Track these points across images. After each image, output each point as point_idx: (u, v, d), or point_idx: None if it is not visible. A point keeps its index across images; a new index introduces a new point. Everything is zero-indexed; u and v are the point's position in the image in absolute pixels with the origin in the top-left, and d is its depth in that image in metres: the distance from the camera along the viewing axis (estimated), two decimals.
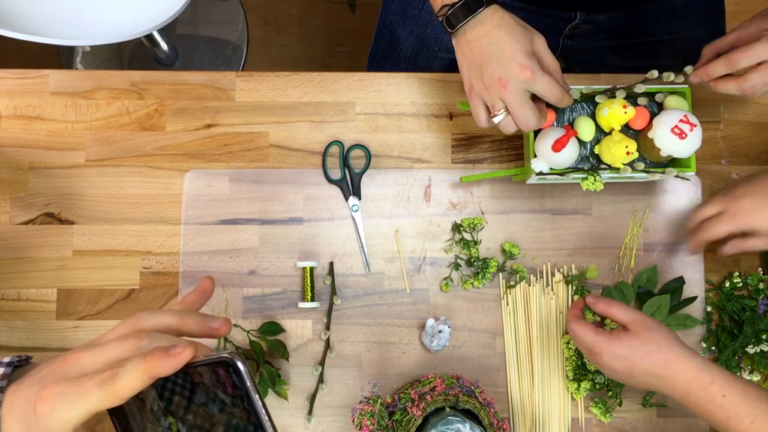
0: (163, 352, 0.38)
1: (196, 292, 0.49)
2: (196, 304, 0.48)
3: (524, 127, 0.69)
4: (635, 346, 0.67)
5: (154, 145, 0.87)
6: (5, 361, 0.43)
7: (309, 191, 0.87)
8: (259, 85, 0.88)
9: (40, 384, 0.39)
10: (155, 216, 0.86)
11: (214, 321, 0.44)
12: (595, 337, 0.69)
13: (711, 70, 0.74)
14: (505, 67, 0.67)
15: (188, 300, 0.48)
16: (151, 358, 0.38)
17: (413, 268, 0.86)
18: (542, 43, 0.69)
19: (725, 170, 0.88)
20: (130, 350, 0.40)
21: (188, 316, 0.44)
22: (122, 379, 0.38)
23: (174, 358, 0.38)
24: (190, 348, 0.39)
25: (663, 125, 0.74)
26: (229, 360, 0.39)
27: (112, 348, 0.40)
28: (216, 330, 0.44)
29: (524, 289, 0.86)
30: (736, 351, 0.84)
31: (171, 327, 0.43)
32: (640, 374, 0.66)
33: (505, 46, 0.67)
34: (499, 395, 0.85)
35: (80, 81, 0.88)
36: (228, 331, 0.45)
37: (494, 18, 0.68)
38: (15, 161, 0.86)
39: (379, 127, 0.88)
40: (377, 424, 0.74)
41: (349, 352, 0.85)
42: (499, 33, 0.68)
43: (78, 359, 0.40)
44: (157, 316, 0.43)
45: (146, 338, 0.40)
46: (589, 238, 0.87)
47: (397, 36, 1.02)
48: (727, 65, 0.72)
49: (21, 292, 0.85)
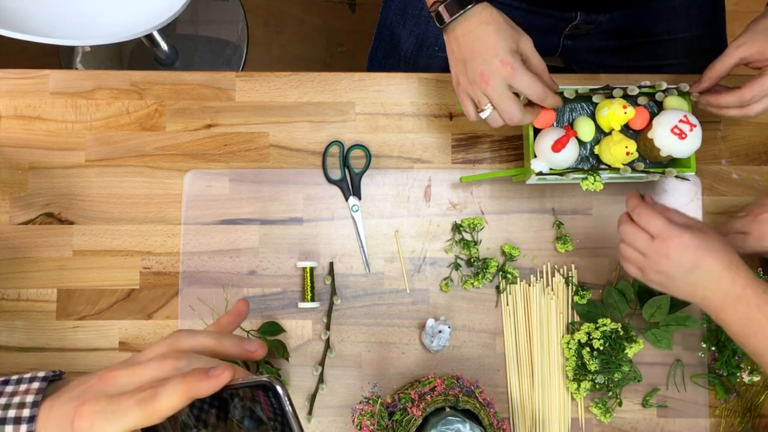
0: (203, 373, 0.38)
1: (230, 313, 0.49)
2: (231, 326, 0.49)
3: (509, 121, 0.71)
4: (707, 239, 0.65)
5: (154, 145, 0.87)
6: (40, 375, 0.43)
7: (309, 191, 0.87)
8: (259, 85, 0.88)
9: (78, 400, 0.40)
10: (155, 216, 0.86)
11: (250, 344, 0.45)
12: (669, 223, 0.66)
13: (722, 102, 0.75)
14: (487, 63, 0.68)
15: (223, 321, 0.49)
16: (191, 378, 0.38)
17: (413, 268, 0.86)
18: (529, 44, 0.70)
19: (725, 170, 0.88)
20: (168, 370, 0.40)
21: (225, 338, 0.44)
22: (161, 398, 0.38)
23: (213, 379, 0.38)
24: (229, 370, 0.39)
25: (663, 125, 0.74)
26: (269, 384, 0.39)
27: (150, 367, 0.40)
28: (252, 353, 0.44)
29: (524, 289, 0.86)
30: (736, 351, 0.84)
31: (208, 348, 0.43)
32: (705, 269, 0.64)
33: (489, 43, 0.68)
34: (499, 395, 0.85)
35: (80, 81, 0.88)
36: (264, 353, 0.45)
37: (482, 15, 0.69)
38: (15, 161, 0.86)
39: (379, 127, 0.88)
40: (377, 424, 0.74)
41: (349, 352, 0.85)
42: (485, 30, 0.69)
43: (117, 377, 0.40)
44: (195, 338, 0.43)
45: (185, 359, 0.41)
46: (589, 238, 0.87)
47: (397, 36, 1.02)
48: (740, 101, 0.73)
49: (21, 292, 0.85)
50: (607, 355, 0.82)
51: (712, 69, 0.76)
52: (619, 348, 0.82)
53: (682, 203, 0.87)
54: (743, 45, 0.74)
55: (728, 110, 0.76)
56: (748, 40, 0.74)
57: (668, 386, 0.85)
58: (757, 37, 0.73)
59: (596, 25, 0.99)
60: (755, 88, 0.72)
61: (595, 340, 0.81)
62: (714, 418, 0.85)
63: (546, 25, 0.99)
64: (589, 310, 0.85)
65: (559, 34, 1.01)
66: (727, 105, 0.75)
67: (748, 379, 0.84)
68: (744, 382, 0.85)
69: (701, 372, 0.85)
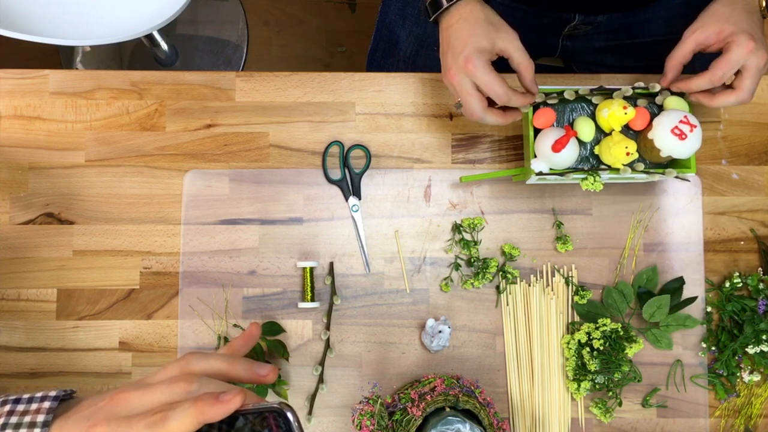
0: (214, 397, 0.39)
1: (243, 336, 0.50)
2: (243, 348, 0.49)
3: (468, 116, 0.74)
4: None
5: (154, 145, 0.87)
6: (51, 394, 0.43)
7: (309, 191, 0.87)
8: (259, 85, 0.88)
9: (88, 421, 0.40)
10: (155, 216, 0.86)
11: (261, 368, 0.45)
12: None
13: (693, 85, 0.74)
14: (455, 58, 0.71)
15: (235, 345, 0.49)
16: (202, 403, 0.38)
17: (413, 268, 0.86)
18: (510, 42, 0.71)
19: (725, 170, 0.88)
20: (180, 393, 0.40)
21: (237, 362, 0.44)
22: (172, 422, 0.38)
23: (224, 404, 0.39)
24: (240, 395, 0.39)
25: (663, 126, 0.74)
26: (279, 410, 0.39)
27: (162, 390, 0.40)
28: (263, 377, 0.45)
29: (524, 289, 0.86)
30: (736, 351, 0.84)
31: (220, 372, 0.44)
32: None
33: (461, 39, 0.71)
34: (499, 395, 0.85)
35: (80, 81, 0.88)
36: (275, 378, 0.45)
37: (464, 10, 0.72)
38: (15, 161, 0.86)
39: (379, 127, 0.88)
40: (377, 425, 0.74)
41: (349, 352, 0.85)
42: (462, 25, 0.72)
43: (128, 399, 0.40)
44: (207, 360, 0.44)
45: (196, 382, 0.41)
46: (589, 238, 0.87)
47: (397, 36, 1.02)
48: (712, 81, 0.72)
49: (21, 292, 0.85)
50: (607, 355, 0.82)
51: (672, 58, 0.75)
52: (619, 348, 0.82)
53: (682, 203, 0.87)
54: (698, 30, 0.73)
55: (723, 98, 0.74)
56: (702, 24, 0.73)
57: (668, 386, 0.85)
58: (709, 20, 0.73)
59: (595, 26, 0.99)
60: (723, 65, 0.71)
61: (595, 340, 0.81)
62: (714, 418, 0.85)
63: (544, 25, 0.99)
64: (589, 310, 0.85)
65: (558, 34, 1.01)
66: (698, 88, 0.74)
67: (748, 379, 0.84)
68: (744, 382, 0.85)
69: (701, 372, 0.85)
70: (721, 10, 0.73)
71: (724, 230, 0.87)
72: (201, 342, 0.84)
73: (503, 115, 0.75)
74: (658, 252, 0.87)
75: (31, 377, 0.84)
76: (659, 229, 0.87)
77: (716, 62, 0.72)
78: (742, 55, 0.70)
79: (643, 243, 0.87)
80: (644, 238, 0.87)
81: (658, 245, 0.87)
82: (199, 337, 0.85)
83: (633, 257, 0.87)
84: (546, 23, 0.98)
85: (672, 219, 0.87)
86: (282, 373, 0.84)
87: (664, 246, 0.87)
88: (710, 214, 0.87)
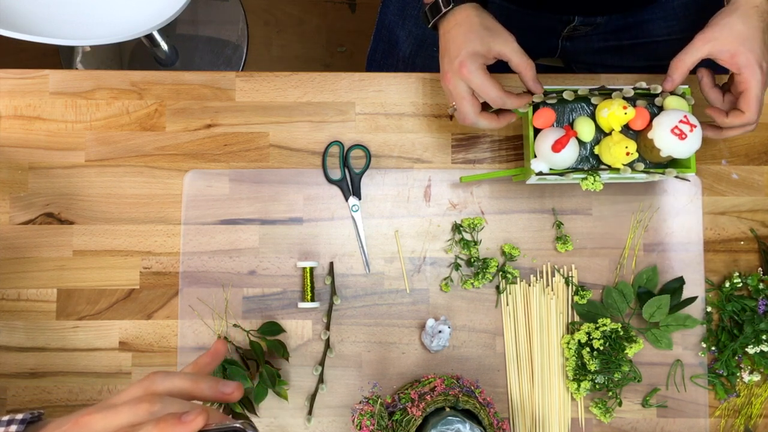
0: (176, 418, 0.39)
1: (209, 354, 0.49)
2: (209, 366, 0.49)
3: (461, 121, 0.74)
4: None
5: (154, 145, 0.87)
6: (18, 418, 0.43)
7: (309, 191, 0.87)
8: (259, 85, 0.88)
9: None
10: (155, 216, 0.86)
11: (226, 386, 0.45)
12: None
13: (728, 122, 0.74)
14: (450, 63, 0.72)
15: (201, 362, 0.49)
16: (165, 424, 0.38)
17: (413, 268, 0.86)
18: (508, 45, 0.72)
19: (725, 170, 0.88)
20: (143, 415, 0.40)
21: (202, 381, 0.44)
22: None
23: (186, 425, 0.39)
24: (202, 415, 0.39)
25: (663, 126, 0.74)
26: (242, 430, 0.39)
27: (124, 412, 0.40)
28: (228, 395, 0.44)
29: (524, 289, 0.86)
30: (736, 351, 0.84)
31: (184, 391, 0.43)
32: None
33: (457, 44, 0.72)
34: (499, 395, 0.85)
35: (80, 81, 0.88)
36: (240, 396, 0.45)
37: (459, 16, 0.73)
38: (15, 161, 0.86)
39: (379, 127, 0.88)
40: (377, 425, 0.74)
41: (349, 352, 0.85)
42: (457, 31, 0.72)
43: (90, 422, 0.40)
44: (170, 380, 0.43)
45: (159, 403, 0.41)
46: (589, 238, 0.87)
47: (396, 36, 1.02)
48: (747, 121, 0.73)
49: (21, 292, 0.85)
50: (607, 355, 0.82)
51: (681, 64, 0.74)
52: (619, 348, 0.82)
53: (682, 203, 0.87)
54: (712, 41, 0.72)
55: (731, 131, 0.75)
56: (717, 37, 0.72)
57: (668, 386, 0.85)
58: (726, 36, 0.72)
59: (594, 27, 0.99)
60: (752, 103, 0.71)
61: (595, 340, 0.81)
62: (714, 418, 0.85)
63: (544, 27, 0.99)
64: (589, 310, 0.85)
65: (558, 35, 1.01)
66: (731, 125, 0.74)
67: (748, 379, 0.84)
68: (744, 382, 0.85)
69: (701, 372, 0.85)
70: (738, 27, 0.71)
71: (724, 230, 0.87)
72: (201, 342, 0.84)
73: (497, 119, 0.76)
74: (658, 252, 0.87)
75: (31, 377, 0.84)
76: (659, 229, 0.87)
77: (746, 100, 0.71)
78: (759, 88, 0.71)
79: (643, 243, 0.87)
80: (644, 238, 0.87)
81: (658, 245, 0.87)
82: (199, 337, 0.85)
83: (633, 257, 0.87)
84: (545, 25, 0.98)
85: (672, 219, 0.87)
86: (282, 373, 0.84)
87: (664, 246, 0.87)
88: (710, 214, 0.87)
